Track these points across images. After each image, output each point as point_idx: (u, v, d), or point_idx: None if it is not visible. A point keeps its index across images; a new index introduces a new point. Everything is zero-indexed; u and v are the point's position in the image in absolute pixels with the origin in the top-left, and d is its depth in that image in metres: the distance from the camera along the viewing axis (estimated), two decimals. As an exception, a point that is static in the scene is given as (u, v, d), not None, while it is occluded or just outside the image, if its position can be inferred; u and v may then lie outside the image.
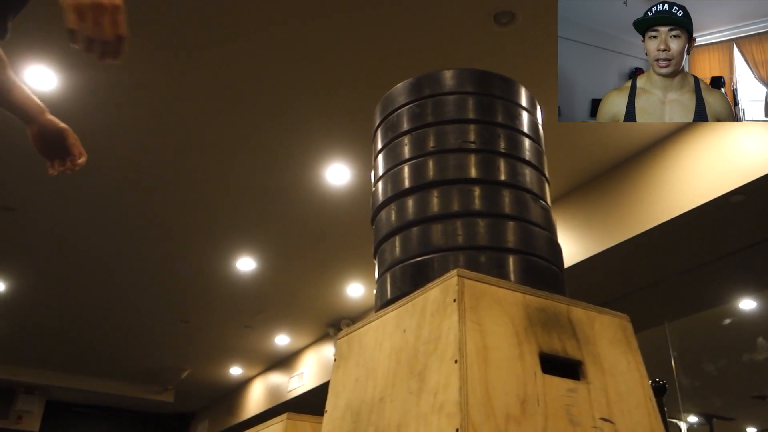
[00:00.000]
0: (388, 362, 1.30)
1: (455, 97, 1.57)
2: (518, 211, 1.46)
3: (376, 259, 1.59)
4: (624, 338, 1.40)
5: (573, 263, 4.68)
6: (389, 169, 1.57)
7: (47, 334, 8.09)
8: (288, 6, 3.44)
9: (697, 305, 5.32)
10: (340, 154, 4.60)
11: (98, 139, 4.45)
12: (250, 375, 9.50)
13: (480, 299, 1.21)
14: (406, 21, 3.51)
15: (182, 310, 7.28)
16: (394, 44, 3.65)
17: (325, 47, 3.68)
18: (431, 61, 3.73)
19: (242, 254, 5.99)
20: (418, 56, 3.71)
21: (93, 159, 4.74)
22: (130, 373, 9.65)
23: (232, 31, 3.60)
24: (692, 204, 4.06)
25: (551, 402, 1.17)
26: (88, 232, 5.66)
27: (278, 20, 3.52)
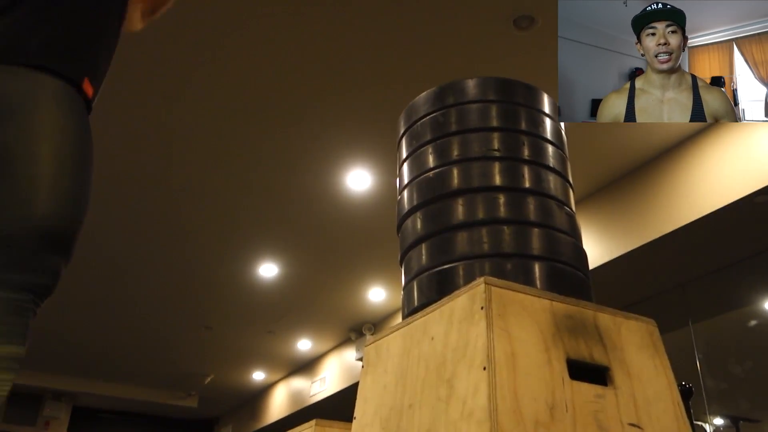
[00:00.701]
0: (417, 369, 1.32)
1: (478, 106, 1.59)
2: (543, 217, 1.47)
3: (402, 267, 1.61)
4: (651, 343, 1.41)
5: (597, 265, 4.66)
6: (414, 177, 1.59)
7: (73, 340, 8.20)
8: (308, 12, 3.47)
9: (723, 306, 5.27)
10: (360, 160, 4.63)
11: (121, 146, 4.52)
12: (272, 380, 9.55)
13: (507, 306, 1.23)
14: (425, 26, 3.53)
15: (206, 317, 7.34)
16: (414, 49, 3.67)
17: (345, 53, 3.71)
18: (451, 66, 3.74)
19: (264, 260, 6.04)
20: (438, 61, 3.73)
21: (116, 166, 4.84)
22: (155, 379, 9.75)
23: (254, 37, 3.65)
24: (716, 205, 4.03)
25: (579, 408, 1.18)
26: (112, 238, 5.75)
27: (299, 26, 3.56)
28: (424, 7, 3.41)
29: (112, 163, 4.66)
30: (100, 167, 4.91)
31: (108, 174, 4.78)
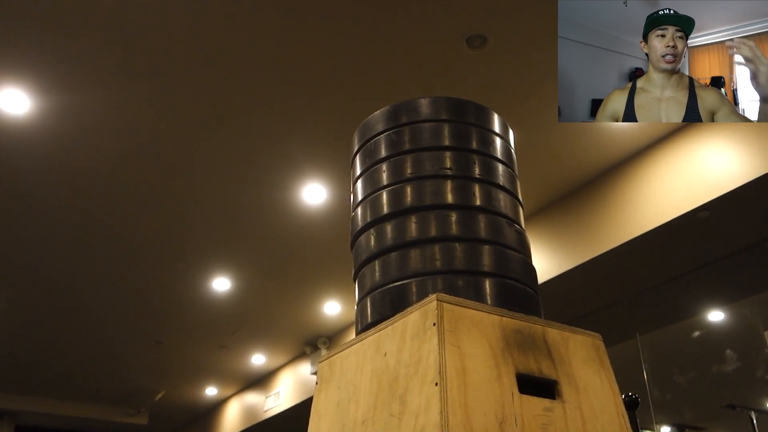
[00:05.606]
0: (370, 385, 1.33)
1: (431, 125, 1.62)
2: (494, 235, 1.51)
3: (356, 283, 1.62)
4: (597, 357, 1.45)
5: (547, 279, 4.76)
6: (368, 195, 1.61)
7: (16, 357, 7.94)
8: (264, 28, 3.48)
9: (668, 318, 5.43)
10: (316, 174, 4.63)
11: (70, 162, 4.43)
12: (225, 395, 9.41)
13: (458, 322, 1.25)
14: (381, 42, 3.57)
15: (156, 331, 7.20)
16: (370, 65, 3.71)
17: (301, 66, 3.73)
18: (406, 83, 3.79)
19: (217, 274, 5.97)
20: (393, 77, 3.77)
21: (65, 181, 4.73)
22: (103, 396, 9.49)
23: (208, 52, 3.63)
24: (660, 220, 4.17)
25: (528, 421, 1.21)
26: (57, 253, 5.60)
27: (254, 41, 3.56)
28: (380, 24, 3.45)
29: (61, 175, 4.56)
30: (49, 179, 4.79)
31: (56, 186, 4.67)
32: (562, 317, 1.48)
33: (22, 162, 4.39)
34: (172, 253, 5.64)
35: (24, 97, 3.85)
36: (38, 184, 4.64)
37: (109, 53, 3.59)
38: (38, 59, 3.60)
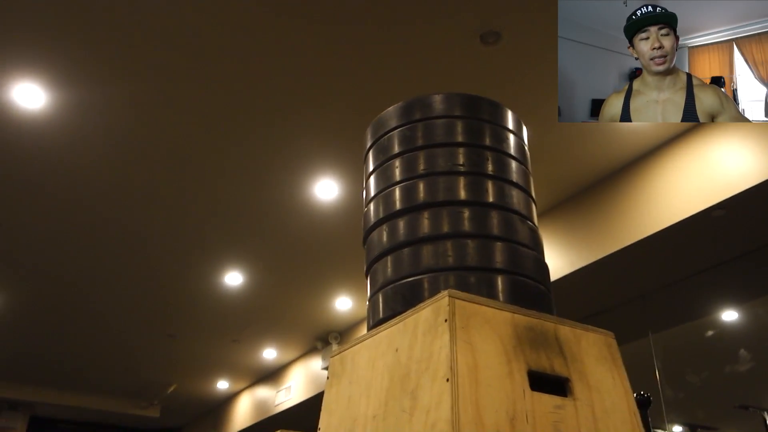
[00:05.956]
0: (381, 381, 1.33)
1: (445, 121, 1.62)
2: (506, 232, 1.51)
3: (368, 279, 1.62)
4: (609, 355, 1.45)
5: (558, 277, 4.74)
6: (381, 190, 1.61)
7: (32, 349, 8.03)
8: (276, 24, 3.48)
9: (681, 317, 5.39)
10: (328, 170, 4.64)
11: (85, 156, 4.46)
12: (237, 389, 9.46)
13: (470, 319, 1.25)
14: (394, 40, 3.56)
15: (169, 325, 7.25)
16: (383, 62, 3.71)
17: (314, 64, 3.73)
18: (419, 79, 3.79)
19: (230, 268, 6.00)
20: (407, 74, 3.77)
21: (80, 176, 4.77)
22: (116, 389, 9.58)
23: (221, 48, 3.64)
24: (675, 219, 4.14)
25: (540, 419, 1.21)
26: (73, 249, 5.65)
27: (267, 39, 3.57)
28: (392, 22, 3.45)
29: (75, 170, 4.60)
30: (64, 174, 4.85)
31: (71, 180, 4.71)
32: (575, 315, 1.48)
33: (39, 155, 4.43)
34: (185, 248, 5.67)
35: (40, 92, 3.88)
36: (55, 179, 4.68)
37: (127, 49, 3.61)
38: (54, 54, 3.63)
